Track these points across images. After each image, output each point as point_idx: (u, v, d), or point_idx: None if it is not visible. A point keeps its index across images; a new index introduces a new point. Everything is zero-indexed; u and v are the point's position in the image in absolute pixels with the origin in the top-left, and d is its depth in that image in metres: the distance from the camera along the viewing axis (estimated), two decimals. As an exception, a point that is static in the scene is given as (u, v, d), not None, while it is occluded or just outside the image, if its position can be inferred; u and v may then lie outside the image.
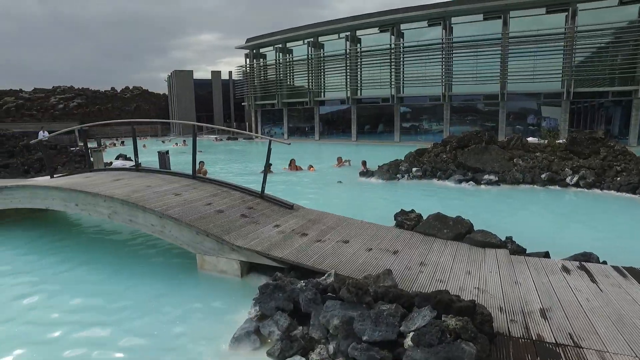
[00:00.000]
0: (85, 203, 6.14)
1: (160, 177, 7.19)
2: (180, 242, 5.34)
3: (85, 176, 7.59)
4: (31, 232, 7.57)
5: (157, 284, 5.09)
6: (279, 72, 37.04)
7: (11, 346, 3.84)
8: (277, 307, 3.81)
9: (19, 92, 57.33)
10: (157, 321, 4.26)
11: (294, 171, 14.74)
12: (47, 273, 5.65)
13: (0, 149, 15.46)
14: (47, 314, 4.48)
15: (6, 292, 5.04)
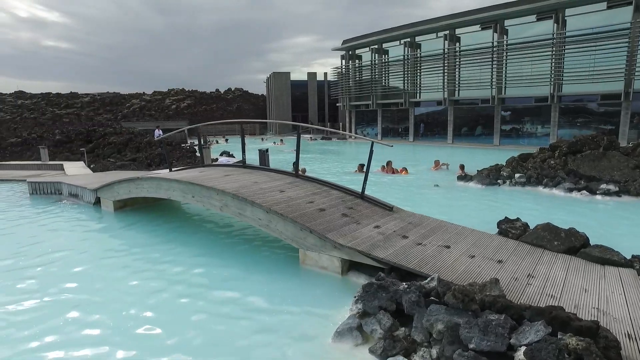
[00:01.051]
0: (200, 195, 6.79)
1: (265, 174, 7.67)
2: (284, 237, 5.66)
3: (200, 171, 8.37)
4: (154, 218, 8.56)
5: (262, 275, 5.45)
6: (374, 73, 37.01)
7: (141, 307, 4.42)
8: (379, 307, 3.88)
9: (142, 95, 64.82)
10: (260, 310, 4.56)
11: (389, 174, 14.65)
12: (164, 255, 6.38)
13: (130, 145, 17.66)
14: (157, 292, 5.05)
15: (133, 264, 5.79)
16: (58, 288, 5.20)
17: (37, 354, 3.77)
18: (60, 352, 3.79)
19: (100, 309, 4.61)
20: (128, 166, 15.02)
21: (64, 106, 60.73)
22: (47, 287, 5.21)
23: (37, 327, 4.22)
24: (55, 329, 4.19)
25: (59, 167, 15.41)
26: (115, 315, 4.44)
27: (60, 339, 4.01)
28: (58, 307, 4.69)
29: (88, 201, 9.97)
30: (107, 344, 3.90)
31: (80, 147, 18.40)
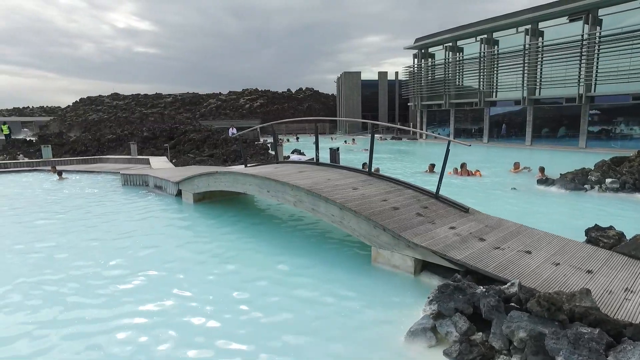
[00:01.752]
0: (275, 190, 7.03)
1: (338, 172, 7.75)
2: (357, 234, 5.69)
3: (274, 167, 8.66)
4: (230, 211, 9.00)
5: (332, 271, 5.50)
6: (448, 72, 35.80)
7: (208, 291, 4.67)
8: (455, 309, 3.77)
9: (218, 95, 68.36)
10: (331, 305, 4.60)
11: (463, 176, 14.10)
12: (239, 245, 6.73)
13: (208, 142, 18.71)
14: (232, 279, 5.29)
15: (210, 252, 6.13)
16: (148, 270, 5.65)
17: (139, 329, 4.14)
18: (158, 320, 4.13)
19: (191, 289, 4.95)
20: (206, 161, 15.92)
21: (150, 106, 65.75)
22: (138, 268, 5.68)
23: (141, 299, 4.62)
24: (156, 304, 4.56)
25: (146, 162, 16.73)
26: (199, 297, 4.74)
27: (159, 314, 4.36)
28: (153, 284, 5.11)
29: (171, 193, 10.72)
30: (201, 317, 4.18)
31: (163, 144, 19.81)
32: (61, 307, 4.61)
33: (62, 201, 10.86)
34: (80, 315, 4.40)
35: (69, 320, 4.30)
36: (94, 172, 16.26)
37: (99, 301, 4.74)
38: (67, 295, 4.91)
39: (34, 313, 4.47)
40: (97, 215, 9.14)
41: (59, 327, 4.16)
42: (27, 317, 4.37)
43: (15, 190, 12.97)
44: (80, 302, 4.74)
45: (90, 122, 56.78)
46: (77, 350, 3.75)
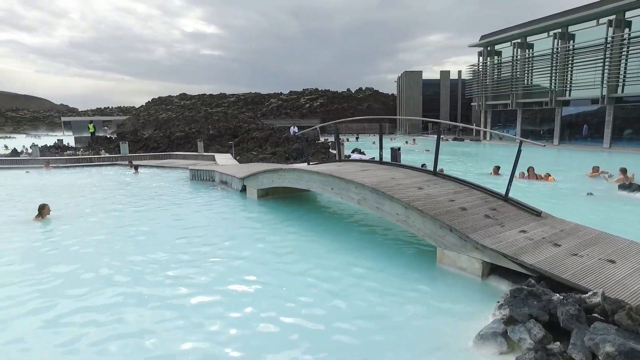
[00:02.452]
0: (339, 188, 7.08)
1: (402, 171, 7.66)
2: (422, 234, 5.60)
3: (338, 165, 8.72)
4: (293, 207, 9.19)
5: (396, 271, 5.44)
6: (516, 70, 34.01)
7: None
8: (530, 315, 3.60)
9: (279, 95, 69.98)
10: (395, 304, 4.54)
11: (530, 180, 13.35)
12: (300, 240, 6.84)
13: (270, 140, 19.22)
14: (291, 274, 5.38)
15: (272, 247, 6.30)
16: (211, 257, 5.94)
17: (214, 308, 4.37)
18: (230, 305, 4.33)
19: (254, 278, 5.14)
20: (268, 159, 16.37)
21: (215, 105, 68.71)
22: (203, 256, 5.98)
23: (205, 282, 4.88)
24: (219, 288, 4.80)
25: (211, 158, 17.53)
26: (263, 287, 4.91)
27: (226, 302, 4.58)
28: (217, 272, 5.36)
29: (236, 188, 11.15)
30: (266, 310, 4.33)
31: (228, 141, 20.63)
32: (144, 286, 4.97)
33: (138, 192, 11.68)
34: (160, 294, 4.72)
35: (150, 295, 4.63)
36: (164, 167, 17.31)
37: (173, 281, 5.05)
38: (147, 274, 5.30)
39: (122, 288, 4.85)
40: (168, 206, 9.73)
41: (143, 300, 4.49)
42: (116, 291, 4.76)
43: (98, 181, 14.14)
44: (157, 280, 5.08)
45: (161, 120, 60.38)
46: (158, 320, 4.02)
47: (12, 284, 5.16)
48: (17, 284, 5.17)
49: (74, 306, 4.54)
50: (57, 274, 5.49)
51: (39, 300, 4.71)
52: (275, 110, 65.12)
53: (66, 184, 14.02)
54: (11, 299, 4.74)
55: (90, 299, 4.71)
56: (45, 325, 4.17)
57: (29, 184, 14.35)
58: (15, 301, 4.70)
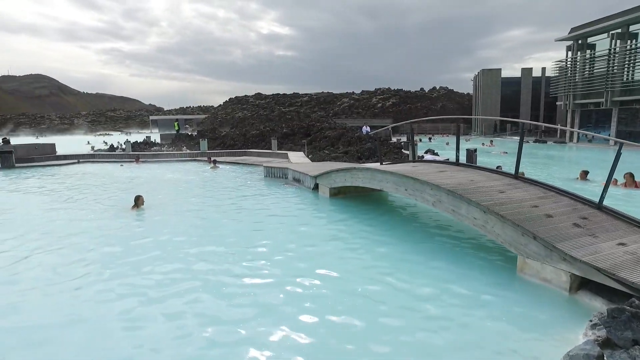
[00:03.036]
0: (413, 189, 6.91)
1: (482, 173, 7.29)
2: (501, 240, 5.28)
3: (412, 165, 8.52)
4: (365, 207, 9.14)
5: (472, 278, 5.15)
6: (613, 64, 30.83)
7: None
8: (634, 341, 3.24)
9: (351, 94, 70.13)
10: (470, 315, 4.29)
11: (628, 188, 12.02)
12: (371, 240, 6.74)
13: (342, 139, 19.31)
14: (361, 273, 5.30)
15: (342, 246, 6.28)
16: (285, 251, 6.07)
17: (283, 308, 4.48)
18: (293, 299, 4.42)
19: (322, 274, 5.18)
20: (340, 158, 16.45)
21: (288, 105, 70.47)
22: (277, 249, 6.14)
23: (277, 274, 5.02)
24: (288, 280, 4.91)
25: (284, 156, 17.99)
26: (333, 287, 4.93)
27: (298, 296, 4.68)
28: (288, 265, 5.48)
29: (308, 186, 11.33)
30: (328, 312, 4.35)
31: (301, 140, 21.04)
32: (222, 274, 5.25)
33: (217, 187, 12.34)
34: (235, 282, 4.93)
35: (226, 283, 4.86)
36: (240, 164, 18.09)
37: (247, 271, 5.25)
38: (225, 263, 5.57)
39: (200, 276, 5.14)
40: (244, 200, 10.16)
41: (220, 286, 4.73)
42: (198, 276, 5.06)
43: (181, 175, 15.15)
44: (232, 270, 5.31)
45: (237, 119, 63.15)
46: (230, 307, 4.20)
47: (110, 266, 5.69)
48: (115, 267, 5.69)
49: (162, 287, 4.89)
50: (149, 259, 5.96)
51: (130, 280, 5.15)
52: (347, 110, 65.30)
53: (153, 177, 15.20)
54: (108, 279, 5.24)
55: (174, 285, 5.05)
56: (135, 299, 4.54)
57: (123, 175, 15.80)
58: (114, 283, 5.18)
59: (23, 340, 3.90)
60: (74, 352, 3.71)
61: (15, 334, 4.02)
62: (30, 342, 3.88)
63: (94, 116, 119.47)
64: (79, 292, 4.93)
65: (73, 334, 4.01)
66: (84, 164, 20.74)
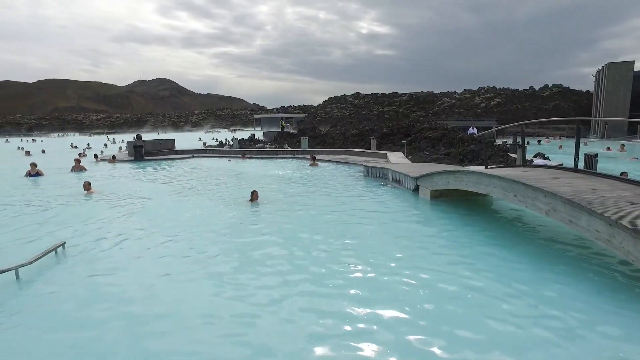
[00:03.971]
0: (524, 195, 6.54)
1: (604, 181, 6.65)
2: (632, 258, 4.78)
3: (522, 170, 8.05)
4: (468, 212, 8.85)
5: (595, 299, 4.70)
6: None
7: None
8: None
9: (452, 94, 67.36)
10: (599, 343, 3.93)
11: None
12: (474, 248, 6.46)
13: (444, 140, 18.75)
14: (468, 282, 5.12)
15: (442, 252, 6.15)
16: (376, 254, 6.15)
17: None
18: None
19: (427, 284, 5.19)
20: (442, 160, 16.01)
21: (387, 104, 70.00)
22: (368, 250, 6.24)
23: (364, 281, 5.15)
24: (376, 285, 5.01)
25: (383, 156, 18.00)
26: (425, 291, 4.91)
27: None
28: (379, 268, 5.57)
29: (408, 187, 11.26)
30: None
31: (400, 140, 20.86)
32: (319, 266, 5.52)
33: (317, 183, 12.85)
34: (324, 282, 5.17)
35: (319, 280, 5.12)
36: (339, 163, 18.53)
37: (341, 268, 5.46)
38: (325, 260, 5.83)
39: (287, 275, 5.49)
40: (343, 198, 10.46)
41: (316, 281, 5.01)
42: (300, 270, 5.41)
43: (284, 171, 16.03)
44: (317, 271, 5.54)
45: (336, 118, 64.42)
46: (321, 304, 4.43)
47: (224, 252, 6.33)
48: (231, 254, 6.31)
49: (270, 276, 5.33)
50: (260, 250, 6.50)
51: (241, 268, 5.67)
52: (448, 110, 62.85)
53: (259, 172, 16.29)
54: (223, 264, 5.84)
55: (277, 276, 5.46)
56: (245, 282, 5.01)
57: (233, 170, 17.21)
58: (228, 267, 5.76)
59: (158, 328, 4.18)
60: (208, 343, 3.90)
61: (150, 320, 4.40)
62: (166, 330, 4.14)
63: (205, 115, 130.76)
64: (210, 282, 5.48)
65: (206, 324, 4.35)
66: (198, 159, 22.94)
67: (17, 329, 4.18)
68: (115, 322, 4.24)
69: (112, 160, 21.67)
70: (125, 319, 4.33)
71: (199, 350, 3.76)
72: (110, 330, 4.09)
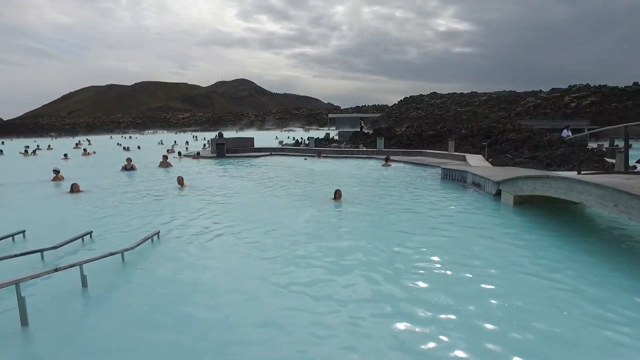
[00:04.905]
0: (627, 206, 5.95)
1: None
2: None
3: (624, 177, 7.33)
4: (556, 221, 8.24)
5: None
6: None
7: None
8: None
9: (538, 93, 62.88)
10: None
11: None
12: (561, 262, 5.92)
13: (528, 143, 17.63)
14: (555, 299, 4.74)
15: (525, 263, 5.76)
16: (454, 262, 5.93)
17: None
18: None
19: (509, 300, 4.93)
20: (526, 163, 15.06)
21: (464, 104, 67.22)
22: (448, 259, 6.02)
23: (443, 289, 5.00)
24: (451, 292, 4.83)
25: (462, 158, 17.34)
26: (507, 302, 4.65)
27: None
28: (462, 279, 5.37)
29: (489, 192, 10.75)
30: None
31: (480, 142, 19.94)
32: (390, 269, 5.48)
33: (393, 184, 12.76)
34: (404, 283, 5.10)
35: (389, 282, 5.08)
36: (415, 164, 18.18)
37: (416, 274, 5.35)
38: (397, 262, 5.77)
39: (378, 268, 5.49)
40: (419, 200, 10.28)
41: (396, 281, 4.98)
42: (375, 270, 5.43)
43: (360, 171, 16.10)
44: (403, 269, 5.47)
45: (411, 118, 63.16)
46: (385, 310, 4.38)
47: (315, 250, 6.54)
48: (319, 252, 6.50)
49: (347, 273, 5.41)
50: (346, 250, 6.62)
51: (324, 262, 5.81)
52: (532, 110, 58.77)
53: (336, 171, 16.52)
54: (311, 259, 6.03)
55: (353, 273, 5.51)
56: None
57: (311, 168, 17.66)
58: (318, 263, 5.94)
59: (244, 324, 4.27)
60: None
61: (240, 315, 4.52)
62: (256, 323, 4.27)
63: (281, 114, 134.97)
64: (301, 280, 5.69)
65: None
66: (275, 156, 23.78)
67: (123, 305, 4.69)
68: (202, 314, 4.51)
69: (196, 157, 23.23)
70: (209, 310, 4.62)
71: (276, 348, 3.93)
72: (193, 318, 4.41)
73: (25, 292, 4.16)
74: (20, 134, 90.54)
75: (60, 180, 14.75)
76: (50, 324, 4.20)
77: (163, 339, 3.94)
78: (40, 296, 4.73)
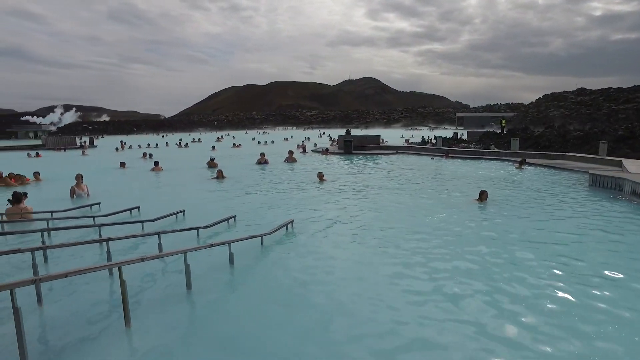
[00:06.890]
0: None
1: None
2: None
3: None
4: None
5: None
6: None
7: None
8: None
9: None
10: None
11: None
12: None
13: None
14: None
15: None
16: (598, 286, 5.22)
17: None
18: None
19: None
20: None
21: (623, 101, 57.93)
22: (591, 279, 5.33)
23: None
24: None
25: (617, 164, 15.11)
26: None
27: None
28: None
29: (653, 204, 9.23)
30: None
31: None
32: (520, 285, 5.07)
33: (530, 189, 11.71)
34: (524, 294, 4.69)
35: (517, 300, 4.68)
36: (555, 168, 16.40)
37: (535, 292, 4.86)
38: (526, 278, 5.32)
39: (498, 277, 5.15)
40: (561, 210, 9.26)
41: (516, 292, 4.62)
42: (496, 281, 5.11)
43: (492, 173, 15.14)
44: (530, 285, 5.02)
45: (551, 118, 56.84)
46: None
47: (444, 246, 6.44)
48: (450, 254, 6.40)
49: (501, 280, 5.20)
50: (480, 250, 6.40)
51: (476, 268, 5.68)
52: None
53: (466, 173, 15.79)
54: (442, 259, 5.95)
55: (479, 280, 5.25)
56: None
57: (441, 168, 17.23)
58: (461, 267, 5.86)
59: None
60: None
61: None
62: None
63: (406, 112, 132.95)
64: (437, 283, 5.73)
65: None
66: (401, 155, 23.60)
67: (262, 283, 5.24)
68: (326, 300, 4.78)
69: (325, 153, 24.28)
70: (335, 296, 4.86)
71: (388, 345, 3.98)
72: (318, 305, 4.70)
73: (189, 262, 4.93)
74: (178, 129, 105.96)
75: (215, 166, 17.32)
76: (206, 291, 4.90)
77: (294, 319, 4.27)
78: (198, 267, 5.55)
